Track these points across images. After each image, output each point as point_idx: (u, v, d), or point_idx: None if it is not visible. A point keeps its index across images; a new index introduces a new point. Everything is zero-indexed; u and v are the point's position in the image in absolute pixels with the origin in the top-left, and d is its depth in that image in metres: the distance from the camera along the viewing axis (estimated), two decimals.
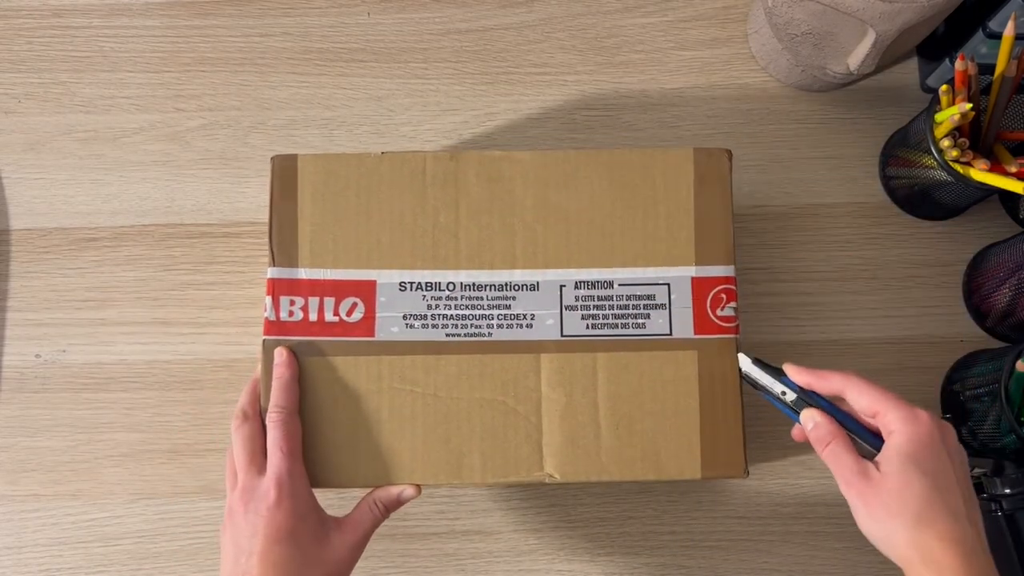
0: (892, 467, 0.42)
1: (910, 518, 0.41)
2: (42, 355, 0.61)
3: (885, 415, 0.44)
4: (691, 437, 0.51)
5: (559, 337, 0.52)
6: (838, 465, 0.44)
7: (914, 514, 0.41)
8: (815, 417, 0.46)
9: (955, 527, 0.41)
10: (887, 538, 0.42)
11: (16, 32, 0.66)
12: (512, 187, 0.53)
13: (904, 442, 0.43)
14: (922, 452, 0.42)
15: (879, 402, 0.44)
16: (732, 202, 0.53)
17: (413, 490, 0.50)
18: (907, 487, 0.42)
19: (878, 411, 0.44)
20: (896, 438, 0.43)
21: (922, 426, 0.43)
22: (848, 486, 0.44)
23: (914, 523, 0.41)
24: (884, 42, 0.56)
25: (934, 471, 0.42)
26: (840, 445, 0.45)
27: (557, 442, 0.51)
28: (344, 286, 0.52)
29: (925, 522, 0.41)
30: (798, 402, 0.48)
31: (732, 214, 0.53)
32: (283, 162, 0.53)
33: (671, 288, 0.52)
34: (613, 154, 0.53)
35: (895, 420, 0.43)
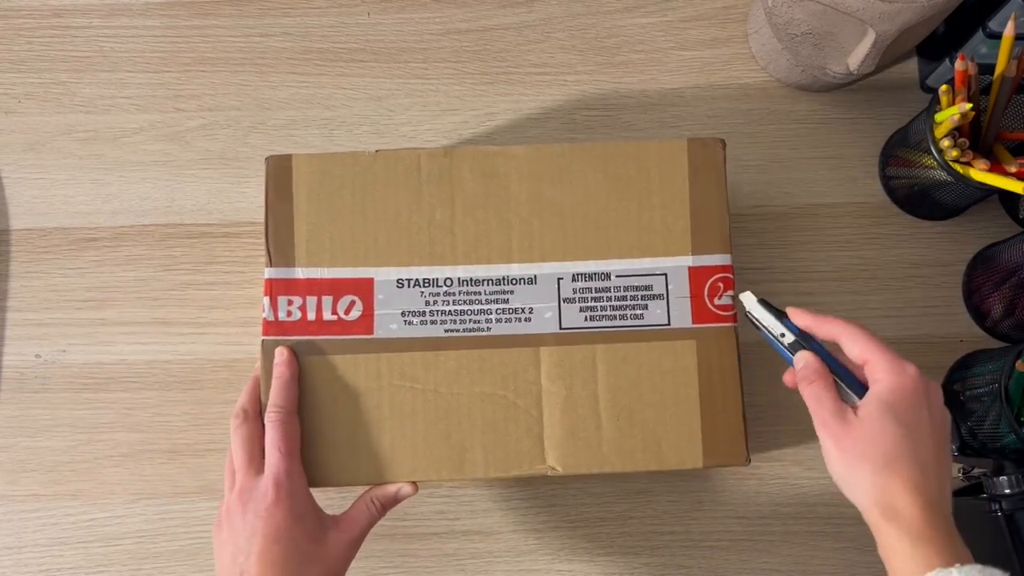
0: (869, 412, 0.43)
1: (879, 463, 0.42)
2: (42, 355, 0.62)
3: (874, 364, 0.44)
4: (692, 426, 0.51)
5: (558, 330, 0.52)
6: (817, 404, 0.45)
7: (882, 459, 0.42)
8: (806, 357, 0.47)
9: (920, 477, 0.41)
10: (853, 481, 0.43)
11: (16, 32, 0.66)
12: (507, 182, 0.53)
13: (886, 391, 0.43)
14: (902, 403, 0.43)
15: (870, 351, 0.44)
16: (727, 191, 0.53)
17: (410, 488, 0.51)
18: (881, 433, 0.42)
19: (868, 359, 0.44)
20: (879, 386, 0.43)
21: (907, 379, 0.43)
22: (823, 425, 0.44)
23: (880, 468, 0.42)
24: (884, 42, 0.56)
25: (910, 423, 0.42)
26: (822, 386, 0.45)
27: (558, 435, 0.51)
28: (342, 284, 0.52)
29: (891, 469, 0.41)
30: (795, 344, 0.48)
31: (727, 203, 0.53)
32: (277, 162, 0.53)
33: (668, 278, 0.52)
34: (607, 146, 0.54)
35: (881, 369, 0.44)
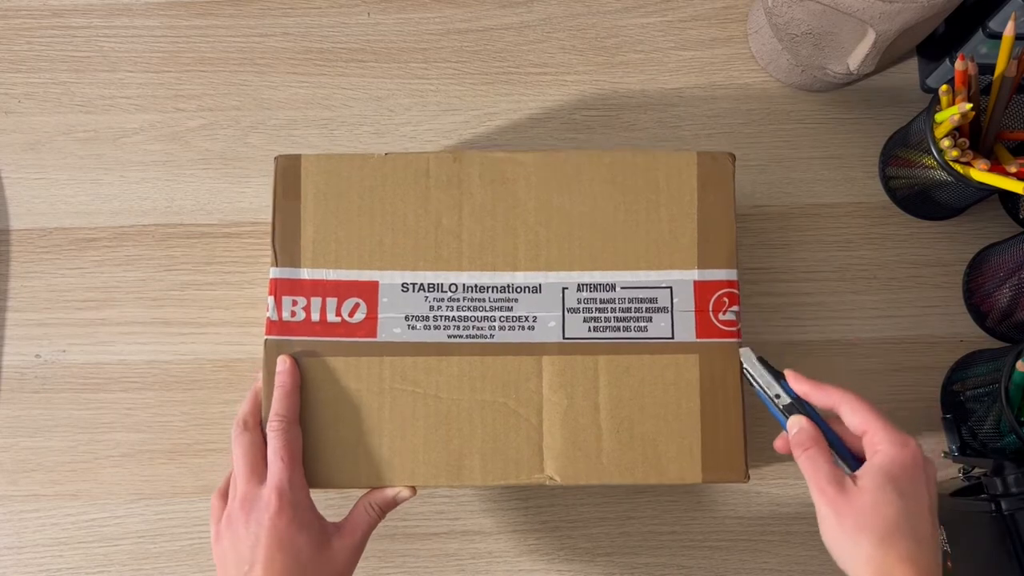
0: (870, 482, 0.43)
1: (877, 534, 0.41)
2: (42, 355, 0.61)
3: (874, 434, 0.44)
4: (692, 441, 0.51)
5: (561, 339, 0.52)
6: (814, 471, 0.44)
7: (882, 531, 0.41)
8: (800, 422, 0.47)
9: (918, 552, 0.41)
10: (849, 551, 0.42)
11: (16, 32, 0.66)
12: (515, 189, 0.53)
13: (887, 462, 0.43)
14: (903, 475, 0.43)
15: (870, 421, 0.44)
16: (735, 206, 0.53)
17: (408, 491, 0.51)
18: (881, 504, 0.42)
19: (867, 430, 0.45)
20: (880, 457, 0.43)
21: (908, 451, 0.43)
22: (821, 493, 0.44)
23: (879, 541, 0.41)
24: (884, 42, 0.56)
25: (909, 495, 0.42)
26: (818, 452, 0.45)
27: (558, 444, 0.51)
28: (346, 287, 0.52)
29: (889, 542, 0.41)
30: (790, 407, 0.48)
31: (735, 218, 0.53)
32: (286, 162, 0.53)
33: (673, 291, 0.52)
34: (616, 156, 0.53)
35: (883, 440, 0.44)
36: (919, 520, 0.42)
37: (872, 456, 0.44)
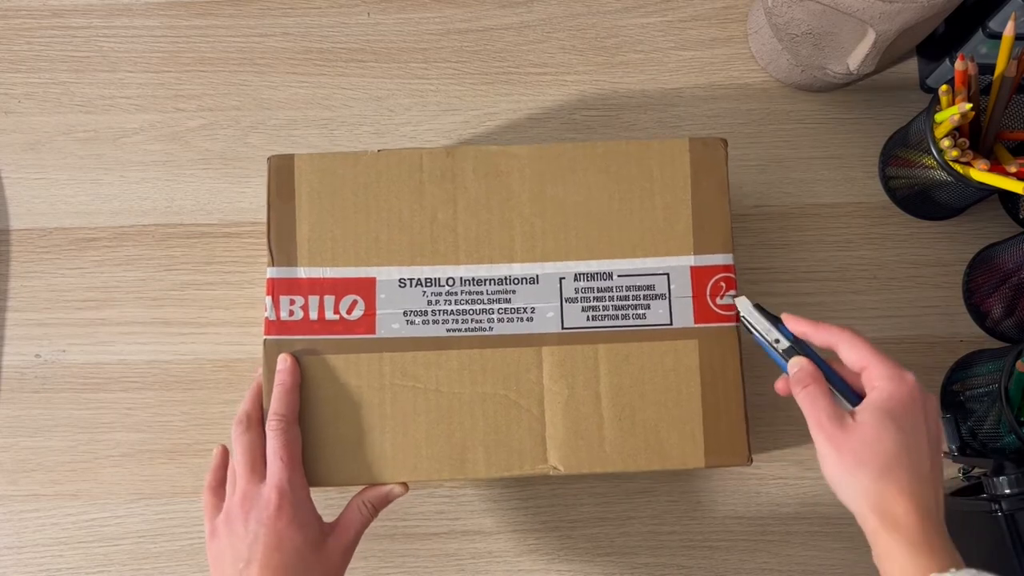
0: (868, 417, 0.43)
1: (876, 468, 0.42)
2: (42, 355, 0.61)
3: (871, 370, 0.44)
4: (694, 426, 0.51)
5: (560, 330, 0.52)
6: (813, 407, 0.44)
7: (881, 465, 0.42)
8: (800, 362, 0.47)
9: (917, 485, 0.42)
10: (850, 486, 0.43)
11: (16, 32, 0.66)
12: (509, 181, 0.53)
13: (886, 397, 0.43)
14: (900, 410, 0.43)
15: (868, 357, 0.44)
16: (729, 191, 0.53)
17: (401, 488, 0.51)
18: (880, 438, 0.42)
19: (866, 366, 0.45)
20: (878, 393, 0.44)
21: (906, 386, 0.43)
22: (820, 428, 0.44)
23: (879, 474, 0.42)
24: (884, 42, 0.56)
25: (908, 431, 0.43)
26: (818, 389, 0.45)
27: (560, 434, 0.51)
28: (344, 284, 0.52)
29: (888, 476, 0.41)
30: (789, 350, 0.48)
31: (729, 203, 0.53)
32: (280, 162, 0.53)
33: (670, 278, 0.52)
34: (609, 146, 0.54)
35: (880, 376, 0.44)
36: (919, 455, 0.42)
37: (871, 392, 0.44)
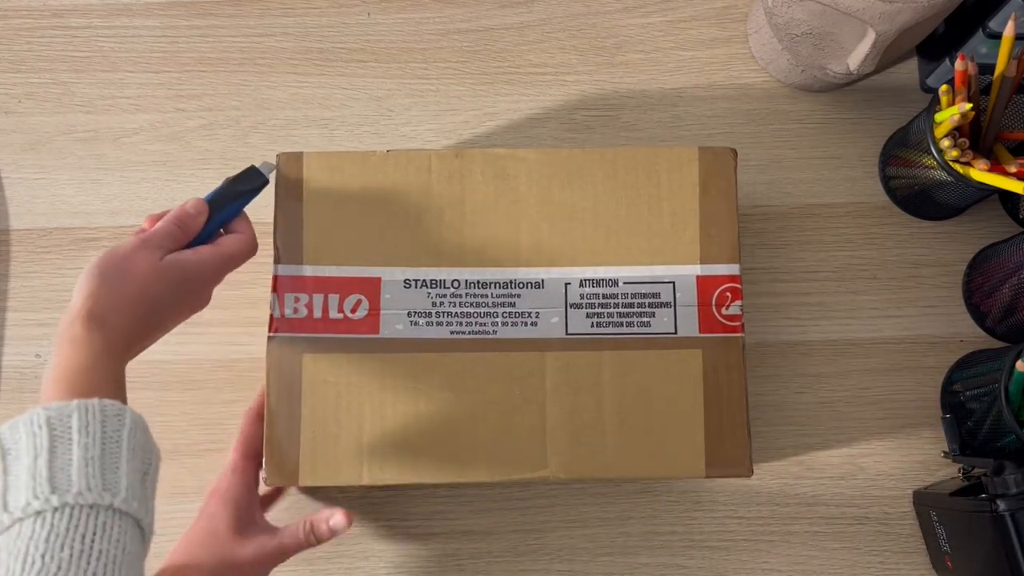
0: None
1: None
2: (42, 355, 0.61)
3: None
4: (695, 436, 0.51)
5: (564, 335, 0.52)
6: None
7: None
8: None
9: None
10: None
11: (16, 32, 0.66)
12: (517, 185, 0.53)
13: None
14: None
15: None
16: (737, 201, 0.53)
17: (342, 518, 0.50)
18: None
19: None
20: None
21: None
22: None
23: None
24: (884, 42, 0.56)
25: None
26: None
27: (562, 440, 0.51)
28: (349, 283, 0.52)
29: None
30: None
31: (737, 213, 0.53)
32: (289, 159, 0.53)
33: (676, 286, 0.52)
34: (618, 152, 0.54)
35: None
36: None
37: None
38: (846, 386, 0.62)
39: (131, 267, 0.44)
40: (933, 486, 0.59)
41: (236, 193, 0.50)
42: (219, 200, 0.50)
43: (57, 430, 0.37)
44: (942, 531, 0.56)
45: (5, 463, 0.36)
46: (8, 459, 0.36)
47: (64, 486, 0.35)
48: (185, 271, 0.46)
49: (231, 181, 0.51)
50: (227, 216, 0.50)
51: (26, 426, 0.37)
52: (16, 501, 0.35)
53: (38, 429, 0.36)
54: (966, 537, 0.54)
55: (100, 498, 0.36)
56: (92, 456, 0.37)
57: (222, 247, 0.49)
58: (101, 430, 0.37)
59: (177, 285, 0.46)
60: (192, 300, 0.48)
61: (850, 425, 0.61)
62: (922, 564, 0.59)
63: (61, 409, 0.37)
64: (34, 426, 0.36)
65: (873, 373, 0.62)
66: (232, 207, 0.50)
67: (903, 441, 0.61)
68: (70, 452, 0.36)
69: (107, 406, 0.38)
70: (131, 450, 0.38)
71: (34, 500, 0.35)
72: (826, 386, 0.62)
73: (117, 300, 0.43)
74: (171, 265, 0.46)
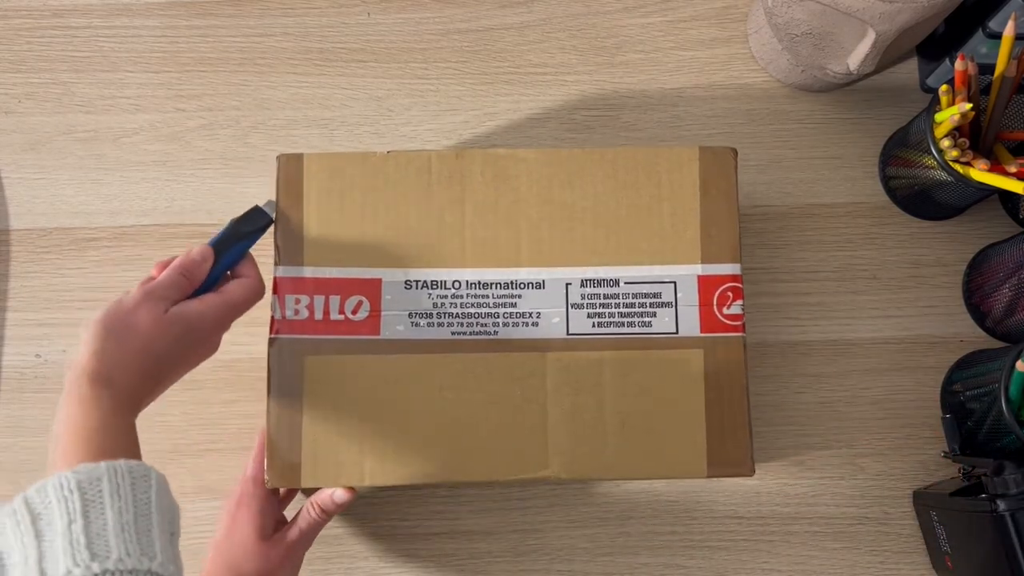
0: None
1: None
2: (42, 355, 0.61)
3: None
4: (697, 436, 0.51)
5: (565, 335, 0.52)
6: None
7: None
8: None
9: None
10: None
11: (16, 32, 0.66)
12: (517, 185, 0.53)
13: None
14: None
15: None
16: (738, 200, 0.53)
17: (344, 492, 0.51)
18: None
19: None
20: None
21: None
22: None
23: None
24: (884, 42, 0.56)
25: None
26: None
27: (563, 440, 0.51)
28: (349, 284, 0.52)
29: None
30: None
31: (738, 212, 0.53)
32: (289, 161, 0.53)
33: (677, 286, 0.52)
34: (618, 152, 0.54)
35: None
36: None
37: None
38: (846, 386, 0.62)
39: (135, 322, 0.44)
40: (933, 486, 0.59)
41: (241, 235, 0.50)
42: (224, 243, 0.50)
43: (88, 494, 0.36)
44: (942, 531, 0.56)
45: (37, 528, 0.35)
46: (40, 524, 0.35)
47: (103, 552, 0.35)
48: (190, 323, 0.46)
49: (235, 223, 0.51)
50: (233, 259, 0.50)
51: (56, 490, 0.36)
52: (55, 569, 0.34)
53: (69, 493, 0.36)
54: (966, 537, 0.54)
55: (139, 563, 0.35)
56: (127, 521, 0.36)
57: (228, 294, 0.48)
58: (132, 493, 0.37)
59: (182, 337, 0.46)
60: (200, 350, 0.48)
61: (850, 425, 0.61)
62: (922, 564, 0.59)
63: (90, 472, 0.37)
64: (64, 490, 0.36)
65: (873, 373, 0.62)
66: (237, 249, 0.50)
67: (903, 441, 0.61)
68: (104, 517, 0.36)
69: (134, 468, 0.38)
70: (160, 511, 0.38)
71: (75, 568, 0.34)
72: (826, 386, 0.62)
73: (123, 356, 0.43)
74: (176, 318, 0.46)
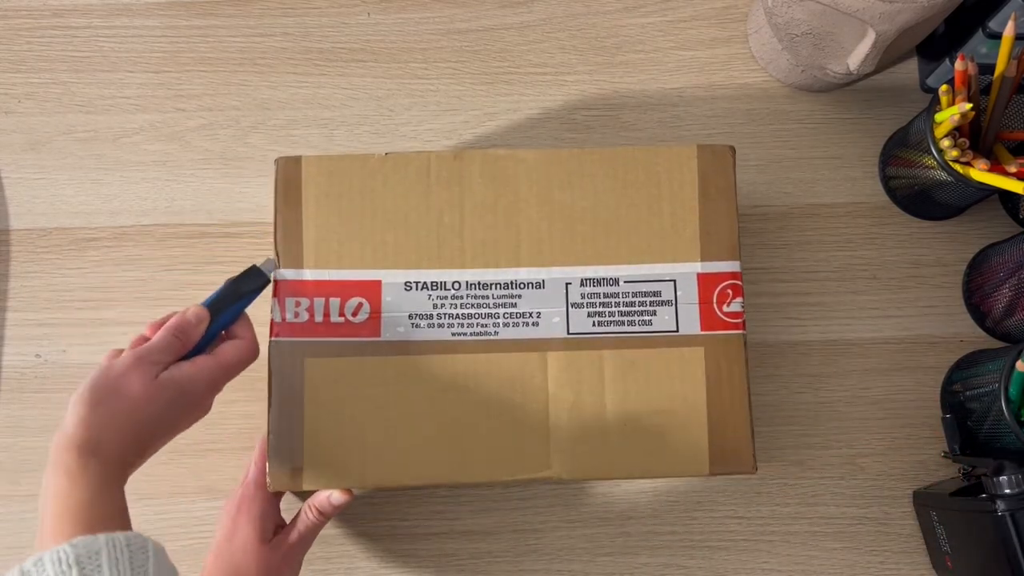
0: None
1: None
2: (42, 355, 0.61)
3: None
4: (699, 434, 0.51)
5: (565, 335, 0.52)
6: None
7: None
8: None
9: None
10: None
11: (16, 32, 0.66)
12: (516, 185, 0.53)
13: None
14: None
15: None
16: (736, 198, 0.53)
17: (340, 494, 0.51)
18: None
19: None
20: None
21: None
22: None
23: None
24: (884, 42, 0.56)
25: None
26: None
27: (565, 440, 0.51)
28: (349, 286, 0.52)
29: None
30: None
31: (737, 210, 0.53)
32: (287, 164, 0.53)
33: (677, 284, 0.52)
34: (617, 152, 0.54)
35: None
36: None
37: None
38: (846, 386, 0.62)
39: (125, 388, 0.44)
40: (933, 486, 0.59)
41: (238, 295, 0.49)
42: (220, 303, 0.49)
43: (87, 568, 0.36)
44: (942, 531, 0.56)
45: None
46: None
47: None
48: (182, 387, 0.46)
49: (232, 282, 0.50)
50: (228, 320, 0.49)
51: (54, 565, 0.36)
52: None
53: (67, 568, 0.36)
54: (966, 537, 0.54)
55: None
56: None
57: (221, 357, 0.48)
58: (130, 565, 0.37)
59: (173, 402, 0.45)
60: (191, 414, 0.48)
61: (850, 425, 0.61)
62: (922, 564, 0.59)
63: (88, 546, 0.37)
64: (63, 565, 0.36)
65: (873, 373, 0.62)
66: (233, 309, 0.49)
67: (903, 441, 0.61)
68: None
69: (131, 539, 0.38)
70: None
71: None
72: (826, 386, 0.62)
73: (111, 423, 0.43)
74: (167, 383, 0.45)
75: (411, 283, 0.52)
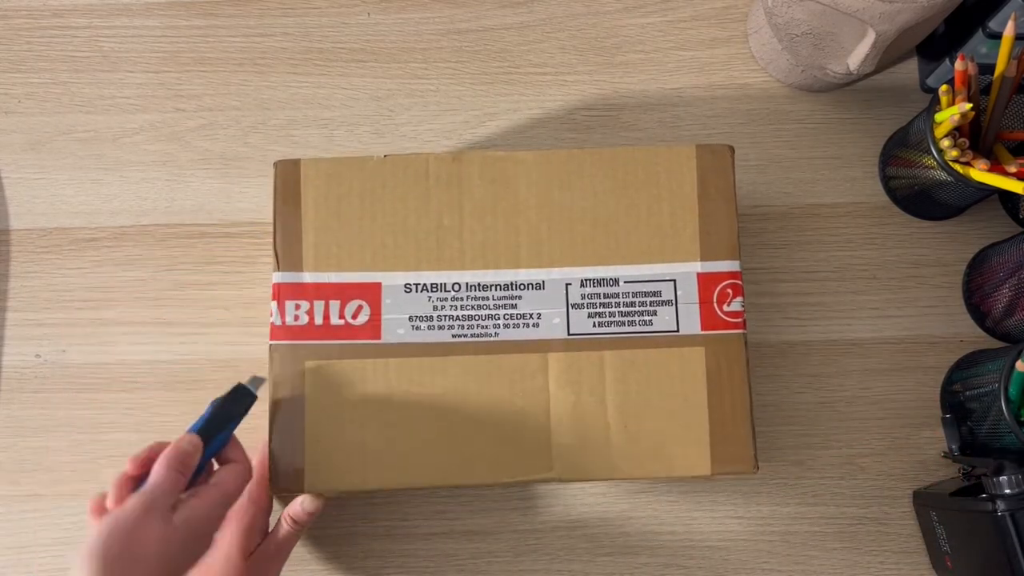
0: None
1: None
2: (42, 355, 0.61)
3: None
4: (700, 433, 0.51)
5: (566, 336, 0.52)
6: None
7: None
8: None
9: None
10: None
11: (16, 32, 0.66)
12: (516, 187, 0.53)
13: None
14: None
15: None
16: (736, 198, 0.53)
17: (312, 500, 0.51)
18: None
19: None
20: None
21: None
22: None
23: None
24: (884, 42, 0.56)
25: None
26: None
27: (566, 441, 0.51)
28: (349, 289, 0.52)
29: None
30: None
31: (736, 209, 0.53)
32: (286, 167, 0.53)
33: (677, 284, 0.52)
34: (616, 152, 0.54)
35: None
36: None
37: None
38: (846, 386, 0.62)
39: (143, 542, 0.41)
40: (933, 486, 0.59)
41: (226, 417, 0.48)
42: (210, 428, 0.47)
43: None
44: (942, 531, 0.56)
45: None
46: None
47: None
48: (196, 528, 0.44)
49: (219, 405, 0.48)
50: (220, 444, 0.48)
51: None
52: None
53: None
54: (966, 537, 0.54)
55: None
56: None
57: (223, 485, 0.46)
58: None
59: (188, 543, 0.43)
60: (201, 551, 0.46)
61: (850, 425, 0.61)
62: (922, 564, 0.59)
63: None
64: None
65: (873, 373, 0.62)
66: (225, 433, 0.48)
67: (903, 441, 0.61)
68: None
69: None
70: None
71: None
72: (826, 386, 0.62)
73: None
74: (183, 525, 0.43)
75: (411, 285, 0.52)
